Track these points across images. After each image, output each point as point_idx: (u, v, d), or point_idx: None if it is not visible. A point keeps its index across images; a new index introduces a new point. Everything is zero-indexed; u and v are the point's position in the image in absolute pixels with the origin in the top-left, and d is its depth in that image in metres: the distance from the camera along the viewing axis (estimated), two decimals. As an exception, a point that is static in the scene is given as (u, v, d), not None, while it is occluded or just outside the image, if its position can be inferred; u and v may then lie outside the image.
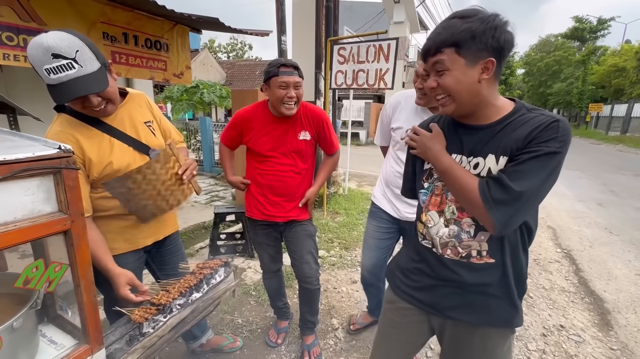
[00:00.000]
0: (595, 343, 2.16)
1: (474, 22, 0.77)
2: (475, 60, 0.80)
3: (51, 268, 0.69)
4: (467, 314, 0.96)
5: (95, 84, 1.06)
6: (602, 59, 24.95)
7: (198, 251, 3.33)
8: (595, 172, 8.44)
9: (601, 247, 3.74)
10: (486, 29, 0.77)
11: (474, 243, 0.90)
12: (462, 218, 0.91)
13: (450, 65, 0.81)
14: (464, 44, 0.78)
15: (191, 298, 1.20)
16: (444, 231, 0.95)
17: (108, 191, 1.19)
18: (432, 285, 1.00)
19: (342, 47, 3.98)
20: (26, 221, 0.63)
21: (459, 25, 0.79)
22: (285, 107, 1.53)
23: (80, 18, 2.69)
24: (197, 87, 9.99)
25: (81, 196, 0.70)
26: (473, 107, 0.87)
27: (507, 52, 0.81)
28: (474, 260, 0.91)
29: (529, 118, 0.82)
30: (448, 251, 0.95)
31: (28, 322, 0.74)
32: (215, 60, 21.00)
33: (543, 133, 0.78)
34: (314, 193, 1.73)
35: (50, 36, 0.96)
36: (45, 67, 0.97)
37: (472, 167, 0.88)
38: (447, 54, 0.81)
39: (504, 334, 0.97)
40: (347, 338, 2.13)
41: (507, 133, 0.83)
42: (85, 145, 1.13)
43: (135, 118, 1.30)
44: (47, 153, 0.63)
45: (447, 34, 0.80)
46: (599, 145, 15.84)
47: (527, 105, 0.87)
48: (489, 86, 0.84)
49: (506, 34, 0.78)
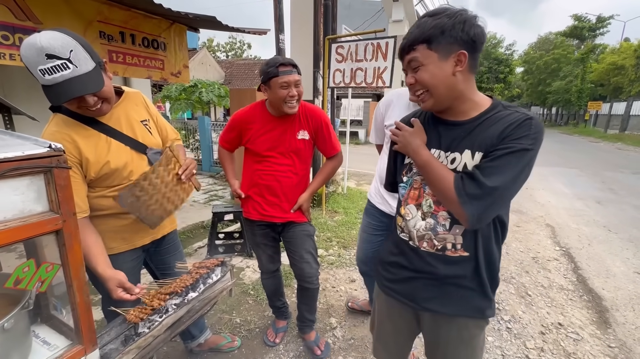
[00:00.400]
0: (594, 341, 2.16)
1: (442, 18, 0.82)
2: (447, 54, 0.83)
3: (42, 268, 0.68)
4: (443, 305, 1.00)
5: (91, 84, 1.05)
6: (601, 57, 24.94)
7: (196, 250, 3.33)
8: (594, 170, 8.44)
9: (600, 245, 3.74)
10: (455, 23, 0.81)
11: (449, 236, 0.93)
12: (439, 211, 0.94)
13: (424, 60, 0.86)
14: (434, 39, 0.83)
15: (187, 297, 1.20)
16: (421, 224, 0.98)
17: (122, 206, 1.19)
18: (410, 277, 1.04)
19: (340, 45, 3.97)
20: (16, 221, 0.62)
21: (429, 22, 0.84)
22: (288, 106, 1.53)
23: (76, 17, 2.68)
24: (195, 86, 9.96)
25: (73, 196, 0.69)
26: (451, 101, 0.90)
27: (479, 45, 0.84)
28: (448, 253, 0.95)
29: (504, 115, 0.85)
30: (424, 244, 0.98)
31: (20, 323, 0.73)
32: (214, 60, 20.95)
33: (516, 130, 0.81)
34: (306, 199, 1.71)
35: (43, 36, 0.95)
36: (39, 68, 0.96)
37: (449, 162, 0.91)
38: (419, 50, 0.86)
39: (479, 325, 1.02)
40: (346, 337, 2.13)
41: (483, 130, 0.86)
42: (82, 145, 1.13)
43: (132, 117, 1.29)
44: (37, 152, 0.63)
45: (419, 32, 0.85)
46: (597, 143, 15.85)
47: (503, 102, 0.90)
48: (465, 80, 0.87)
49: (475, 27, 0.82)
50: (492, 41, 35.13)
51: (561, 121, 33.63)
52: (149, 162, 1.31)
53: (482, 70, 33.27)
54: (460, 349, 1.04)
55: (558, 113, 35.62)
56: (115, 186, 1.23)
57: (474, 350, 1.04)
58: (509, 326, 2.28)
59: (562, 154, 11.51)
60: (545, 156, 10.99)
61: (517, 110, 0.86)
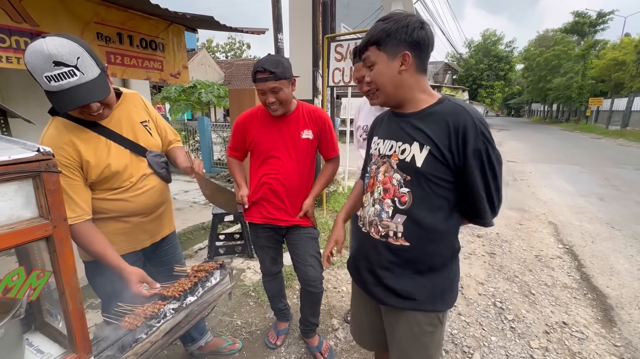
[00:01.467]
0: (599, 340, 2.13)
1: (390, 22, 0.93)
2: (393, 55, 0.93)
3: (33, 276, 0.66)
4: (387, 296, 1.04)
5: (98, 92, 1.06)
6: (602, 52, 24.81)
7: (197, 252, 3.31)
8: (596, 166, 8.39)
9: (603, 242, 3.71)
10: (399, 27, 0.91)
11: (391, 224, 0.99)
12: (385, 199, 1.00)
13: (375, 59, 0.97)
14: (381, 41, 0.94)
15: (185, 301, 1.18)
16: (371, 211, 1.04)
17: None
18: (363, 266, 1.11)
19: (339, 44, 3.94)
20: (4, 228, 0.60)
21: (379, 26, 0.95)
22: (270, 109, 1.56)
23: (73, 18, 2.65)
24: (194, 87, 9.94)
25: (63, 201, 0.67)
26: (400, 98, 0.99)
27: (424, 46, 0.93)
28: (391, 240, 1.00)
29: (446, 109, 0.92)
30: (372, 230, 1.04)
31: (11, 332, 0.71)
32: (213, 60, 20.93)
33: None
34: (310, 205, 1.71)
35: (50, 43, 0.94)
36: (45, 75, 0.95)
37: (400, 152, 0.97)
38: (371, 50, 0.97)
39: (431, 321, 1.03)
40: (348, 339, 2.11)
41: (429, 123, 0.93)
42: (82, 148, 1.12)
43: (132, 119, 1.29)
44: (25, 156, 0.60)
45: (370, 35, 0.96)
46: (599, 140, 15.77)
47: (450, 98, 0.97)
48: (412, 78, 0.96)
49: (419, 31, 0.91)
50: (492, 38, 34.98)
51: (562, 118, 33.48)
52: (149, 164, 1.31)
53: (482, 68, 33.15)
54: (411, 344, 1.06)
55: (559, 110, 35.46)
56: (116, 189, 1.22)
57: (426, 346, 1.05)
58: (513, 326, 2.26)
59: (564, 151, 11.45)
60: (546, 153, 10.95)
61: (458, 104, 0.92)
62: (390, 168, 0.99)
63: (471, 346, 2.06)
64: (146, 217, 1.34)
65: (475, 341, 2.11)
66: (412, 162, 0.93)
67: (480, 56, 34.18)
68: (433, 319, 1.04)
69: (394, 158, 0.99)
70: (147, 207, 1.32)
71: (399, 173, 0.97)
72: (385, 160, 1.02)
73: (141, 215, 1.32)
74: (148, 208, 1.33)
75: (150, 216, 1.36)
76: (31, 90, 3.46)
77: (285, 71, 1.49)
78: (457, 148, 0.88)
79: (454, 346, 2.07)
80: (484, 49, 34.59)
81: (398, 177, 0.97)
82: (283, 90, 1.50)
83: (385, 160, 1.02)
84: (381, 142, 1.06)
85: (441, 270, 1.01)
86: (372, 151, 1.10)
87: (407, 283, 1.01)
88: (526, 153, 10.78)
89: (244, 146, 1.73)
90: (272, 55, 1.54)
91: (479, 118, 0.89)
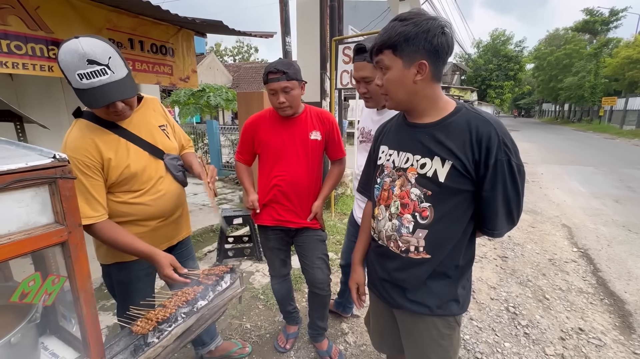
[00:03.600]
0: (617, 347, 2.07)
1: (409, 25, 0.84)
2: (410, 62, 0.86)
3: (49, 281, 0.66)
4: (409, 302, 1.03)
5: (126, 90, 1.11)
6: (615, 51, 24.22)
7: (206, 254, 3.33)
8: (610, 167, 8.19)
9: (620, 246, 3.60)
10: (419, 32, 0.83)
11: (412, 239, 0.97)
12: (404, 214, 0.97)
13: (390, 64, 0.89)
14: (398, 47, 0.86)
15: (196, 306, 1.18)
16: (388, 225, 1.02)
17: None
18: (380, 278, 1.10)
19: (347, 46, 3.93)
20: (21, 234, 0.61)
21: (396, 28, 0.85)
22: (280, 111, 1.57)
23: (86, 25, 2.71)
24: (203, 90, 10.05)
25: (78, 207, 0.68)
26: (411, 106, 0.95)
27: (442, 54, 0.86)
28: (412, 255, 0.98)
29: (466, 119, 0.88)
30: (391, 244, 1.02)
31: (27, 336, 0.72)
32: (221, 64, 21.16)
33: None
34: (319, 207, 1.72)
35: (84, 42, 0.99)
36: (78, 72, 1.00)
37: (419, 167, 0.93)
38: (386, 54, 0.89)
39: (449, 325, 1.03)
40: (358, 343, 2.09)
41: (448, 135, 0.89)
42: (103, 149, 1.16)
43: (151, 122, 1.33)
44: (41, 163, 0.61)
45: (387, 36, 0.87)
46: (613, 140, 15.40)
47: (467, 105, 0.93)
48: (427, 86, 0.90)
49: (440, 37, 0.83)
50: (501, 38, 34.58)
51: (574, 118, 32.81)
52: (166, 167, 1.34)
53: (491, 68, 32.77)
54: (430, 348, 1.05)
55: (571, 110, 34.75)
56: (135, 191, 1.25)
57: (445, 350, 1.05)
58: (527, 332, 2.20)
59: (576, 152, 11.21)
60: (558, 154, 10.74)
61: (478, 113, 0.88)
62: (407, 182, 0.96)
63: (484, 353, 2.02)
64: (164, 221, 1.37)
65: (488, 347, 2.07)
66: (434, 177, 0.90)
67: (489, 56, 33.82)
68: (450, 322, 1.03)
69: (411, 171, 0.95)
70: (165, 211, 1.35)
71: (417, 187, 0.93)
72: (402, 173, 0.98)
73: (159, 218, 1.34)
74: (166, 211, 1.35)
75: (168, 219, 1.38)
76: (46, 97, 3.55)
77: (297, 73, 1.53)
78: (479, 159, 0.85)
79: (466, 352, 2.03)
80: (492, 48, 34.22)
81: (417, 191, 0.94)
82: (294, 90, 1.53)
83: (401, 174, 0.98)
84: (395, 154, 1.02)
85: (458, 276, 1.01)
86: (384, 162, 1.06)
87: (423, 291, 1.00)
88: (537, 154, 10.59)
89: (252, 149, 1.73)
90: (283, 59, 1.57)
91: (501, 128, 0.86)
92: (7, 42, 2.31)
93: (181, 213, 1.46)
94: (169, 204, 1.35)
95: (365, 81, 1.45)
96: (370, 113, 1.64)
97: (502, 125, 0.86)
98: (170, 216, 1.39)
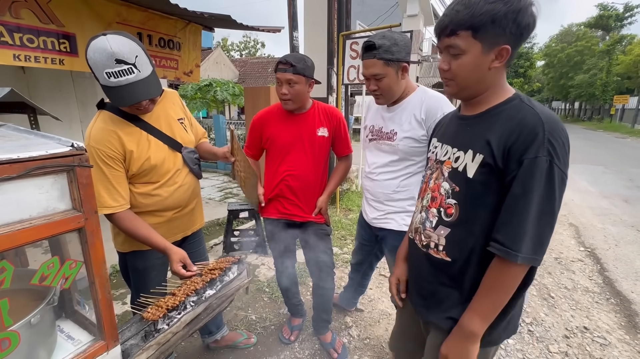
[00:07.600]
0: (622, 346, 2.06)
1: (497, 3, 0.70)
2: (491, 47, 0.74)
3: (66, 266, 0.69)
4: (428, 310, 0.96)
5: (152, 89, 1.13)
6: (629, 48, 23.73)
7: (212, 247, 3.37)
8: (620, 166, 8.06)
9: (628, 246, 3.57)
10: (508, 11, 0.69)
11: (433, 235, 0.91)
12: (431, 207, 0.92)
13: (466, 48, 0.76)
14: (481, 28, 0.72)
15: (205, 295, 1.21)
16: (418, 217, 0.99)
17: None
18: (411, 275, 1.06)
19: (354, 41, 3.92)
20: (41, 219, 0.63)
21: (481, 5, 0.71)
22: (282, 103, 1.59)
23: (97, 19, 2.74)
24: (210, 85, 10.10)
25: (94, 194, 0.70)
26: (475, 93, 0.84)
27: (525, 38, 0.75)
28: (432, 252, 0.91)
29: (513, 112, 0.78)
30: (417, 237, 0.98)
31: (46, 318, 0.75)
32: (228, 59, 21.17)
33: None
34: (325, 202, 1.73)
35: (112, 41, 1.01)
36: (106, 71, 1.02)
37: (453, 160, 0.87)
38: (463, 37, 0.75)
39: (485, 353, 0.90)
40: (361, 336, 2.11)
41: (488, 126, 0.80)
42: (125, 141, 1.19)
43: (170, 115, 1.36)
44: (60, 151, 0.64)
45: (467, 15, 0.72)
46: (624, 139, 15.13)
47: (522, 96, 0.81)
48: (499, 73, 0.80)
49: (529, 17, 0.72)
50: (511, 34, 33.96)
51: (585, 116, 32.28)
52: (184, 160, 1.37)
53: (500, 65, 32.24)
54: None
55: (581, 108, 34.20)
56: (154, 182, 1.28)
57: None
58: (531, 329, 2.20)
59: (586, 150, 11.05)
60: (567, 152, 10.57)
61: (530, 105, 0.76)
62: (441, 176, 0.90)
63: (487, 348, 2.03)
64: (180, 212, 1.40)
65: (491, 343, 2.07)
66: (464, 171, 0.82)
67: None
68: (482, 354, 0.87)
69: (447, 165, 0.89)
70: (181, 202, 1.38)
71: (448, 182, 0.87)
72: (439, 166, 0.92)
73: (175, 209, 1.38)
74: (182, 203, 1.39)
75: (183, 211, 1.42)
76: (56, 90, 3.60)
77: (306, 68, 1.52)
78: (514, 153, 0.73)
79: (469, 347, 2.04)
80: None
81: (447, 186, 0.87)
82: (298, 85, 1.52)
83: (439, 166, 0.92)
84: (440, 146, 0.95)
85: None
86: (430, 154, 1.01)
87: (453, 310, 0.89)
88: (546, 153, 10.44)
89: (260, 143, 1.75)
90: (298, 53, 1.58)
91: (552, 125, 0.72)
92: (20, 35, 2.35)
93: (195, 204, 1.50)
94: (185, 196, 1.39)
95: (375, 78, 1.42)
96: (381, 110, 1.61)
97: (556, 122, 0.73)
98: (185, 207, 1.42)
